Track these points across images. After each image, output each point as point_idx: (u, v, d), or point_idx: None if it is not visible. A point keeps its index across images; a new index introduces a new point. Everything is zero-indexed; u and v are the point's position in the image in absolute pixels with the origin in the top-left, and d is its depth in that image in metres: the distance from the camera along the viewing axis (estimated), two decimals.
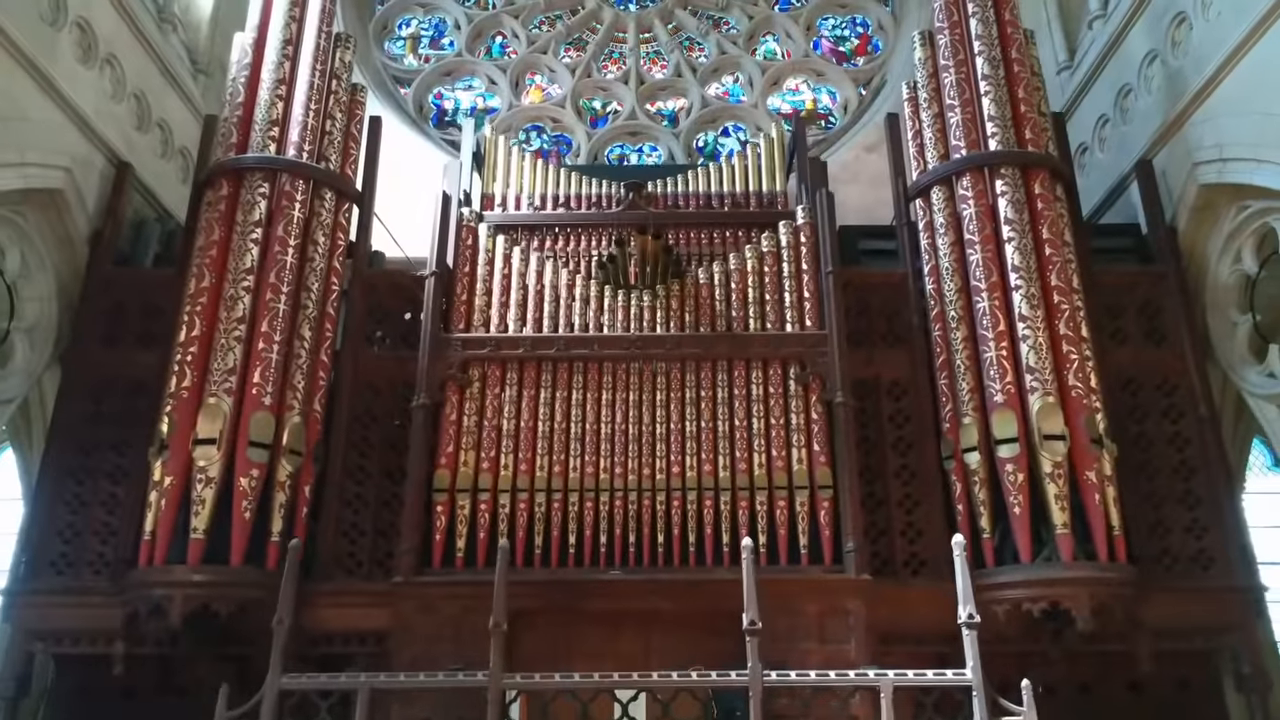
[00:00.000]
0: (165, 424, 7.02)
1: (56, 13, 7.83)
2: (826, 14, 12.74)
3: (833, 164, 11.29)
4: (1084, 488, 6.80)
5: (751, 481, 7.11)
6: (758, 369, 7.45)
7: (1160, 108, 8.50)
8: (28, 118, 7.40)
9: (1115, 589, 6.61)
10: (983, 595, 6.80)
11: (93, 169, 8.30)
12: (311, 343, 7.51)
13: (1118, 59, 9.34)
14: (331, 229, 7.94)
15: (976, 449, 7.06)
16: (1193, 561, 7.25)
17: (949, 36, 8.30)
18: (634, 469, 7.13)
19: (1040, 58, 10.80)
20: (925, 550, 7.24)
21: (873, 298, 8.05)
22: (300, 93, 8.11)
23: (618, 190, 8.85)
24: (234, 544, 6.74)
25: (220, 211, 7.65)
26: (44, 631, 7.04)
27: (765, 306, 7.68)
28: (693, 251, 8.58)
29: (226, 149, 7.92)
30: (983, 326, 7.30)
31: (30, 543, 7.30)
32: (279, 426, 7.11)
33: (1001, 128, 7.83)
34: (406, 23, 12.70)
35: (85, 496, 7.44)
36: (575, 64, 12.33)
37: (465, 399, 7.38)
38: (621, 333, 7.53)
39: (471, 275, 7.79)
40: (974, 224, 7.60)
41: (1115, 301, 8.02)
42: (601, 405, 7.33)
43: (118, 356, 7.85)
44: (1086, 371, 7.16)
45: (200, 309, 7.30)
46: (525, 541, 6.97)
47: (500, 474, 7.13)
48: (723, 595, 6.64)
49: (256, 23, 8.45)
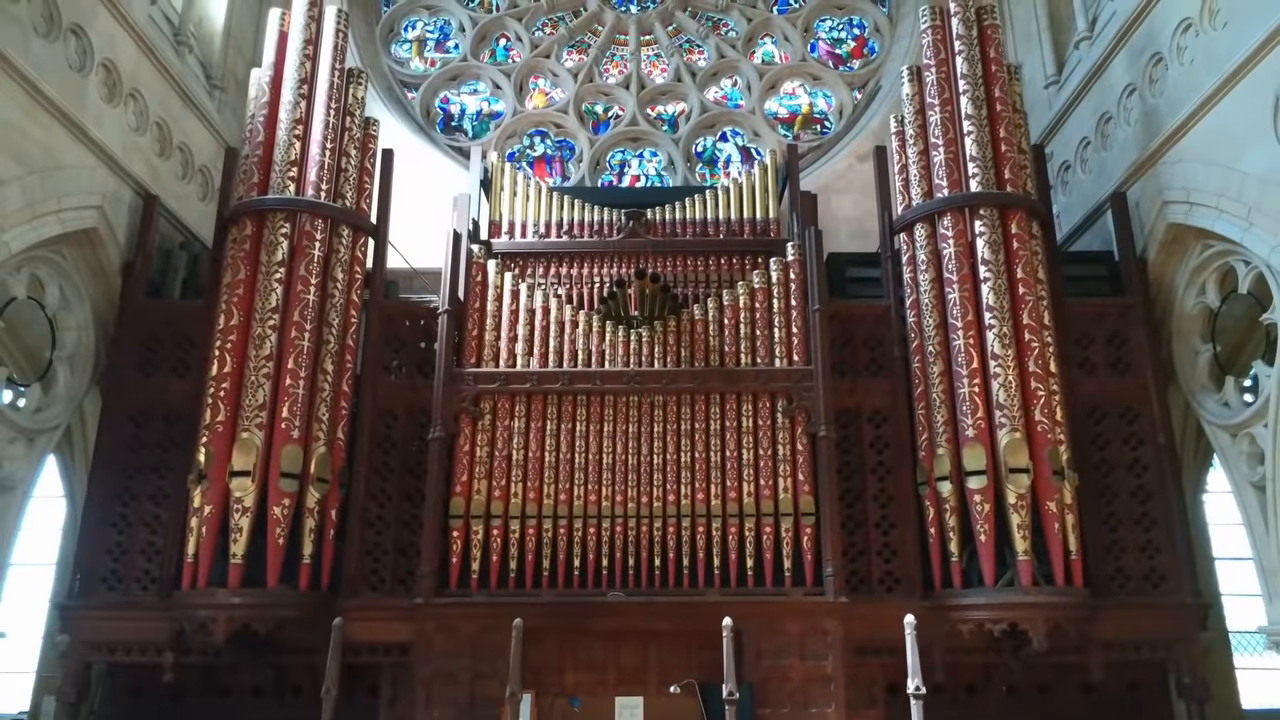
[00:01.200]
0: (202, 454, 7.66)
1: (84, 58, 8.23)
2: (824, 15, 12.96)
3: (826, 173, 11.80)
4: (1045, 517, 7.44)
5: (741, 509, 7.75)
6: (748, 402, 8.04)
7: (1137, 141, 8.89)
8: (63, 166, 7.86)
9: (1069, 611, 7.29)
10: (950, 614, 7.57)
11: (121, 203, 8.78)
12: (334, 375, 8.10)
13: (1100, 85, 9.68)
14: (349, 264, 8.46)
15: (948, 478, 7.68)
16: (1145, 579, 7.93)
17: (935, 74, 8.67)
18: (633, 497, 7.78)
19: (1028, 70, 11.28)
20: (900, 569, 7.92)
21: (858, 328, 8.58)
22: (316, 132, 8.54)
23: (618, 218, 9.31)
24: (269, 568, 7.43)
25: (245, 250, 8.17)
26: (99, 643, 7.78)
27: (756, 342, 8.23)
28: (689, 277, 9.10)
29: (249, 188, 8.40)
30: (958, 363, 7.86)
31: (82, 561, 7.99)
32: (306, 457, 7.74)
33: (982, 168, 8.26)
34: (412, 25, 12.95)
35: (130, 517, 8.12)
36: (577, 68, 12.62)
37: (477, 430, 7.99)
38: (622, 367, 8.10)
39: (481, 311, 8.32)
40: (953, 263, 8.09)
41: (1085, 331, 8.55)
42: (603, 436, 7.94)
43: (154, 385, 8.44)
44: (1053, 406, 7.73)
45: (230, 346, 7.87)
46: (534, 564, 7.65)
47: (510, 501, 7.78)
48: (713, 615, 7.37)
49: (272, 60, 8.83)
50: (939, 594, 7.66)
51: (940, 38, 8.78)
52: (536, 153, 12.36)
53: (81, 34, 8.16)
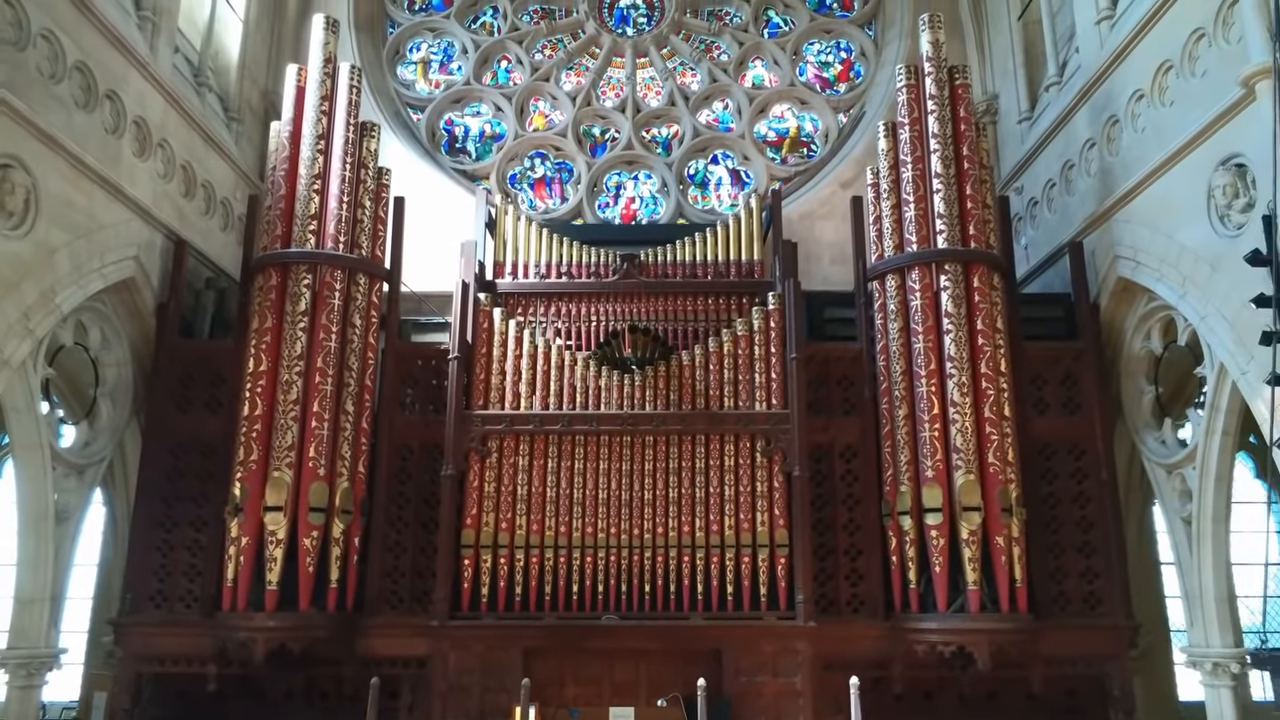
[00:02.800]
0: (238, 489, 8.51)
1: (118, 119, 8.87)
2: (812, 39, 13.48)
3: (811, 199, 12.48)
4: (994, 550, 8.33)
5: (722, 540, 8.65)
6: (730, 443, 8.88)
7: (1095, 194, 9.58)
8: (104, 225, 8.56)
9: (1011, 635, 8.22)
10: (907, 635, 8.51)
11: (154, 249, 9.48)
12: (354, 414, 8.92)
13: (1066, 133, 10.32)
14: (366, 310, 9.22)
15: (909, 513, 8.56)
16: (1084, 602, 8.86)
17: (909, 132, 9.33)
18: (626, 529, 8.67)
19: (1004, 103, 11.92)
20: (865, 592, 8.84)
21: (833, 370, 9.39)
22: (334, 185, 9.22)
23: (614, 259, 10.04)
24: (301, 592, 8.34)
25: (271, 300, 8.92)
26: (149, 656, 8.72)
27: (738, 386, 9.04)
28: (680, 316, 9.88)
29: (273, 239, 9.11)
30: (920, 408, 8.68)
31: (131, 582, 8.90)
32: (332, 492, 8.60)
33: (949, 225, 8.98)
34: (416, 47, 13.46)
35: (173, 542, 9.01)
36: (576, 90, 13.18)
37: (485, 467, 8.85)
38: (616, 410, 8.93)
39: (488, 356, 9.11)
40: (919, 315, 8.87)
41: (1040, 373, 9.37)
42: (599, 473, 8.80)
43: (190, 420, 9.26)
44: (1005, 448, 8.57)
45: (261, 390, 8.68)
46: (537, 590, 8.56)
47: (516, 533, 8.67)
48: (697, 636, 8.35)
49: (291, 116, 9.46)
50: (899, 616, 8.59)
51: (914, 96, 9.42)
52: (537, 174, 12.99)
53: (115, 98, 8.79)
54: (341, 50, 11.94)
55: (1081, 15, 10.09)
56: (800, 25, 13.46)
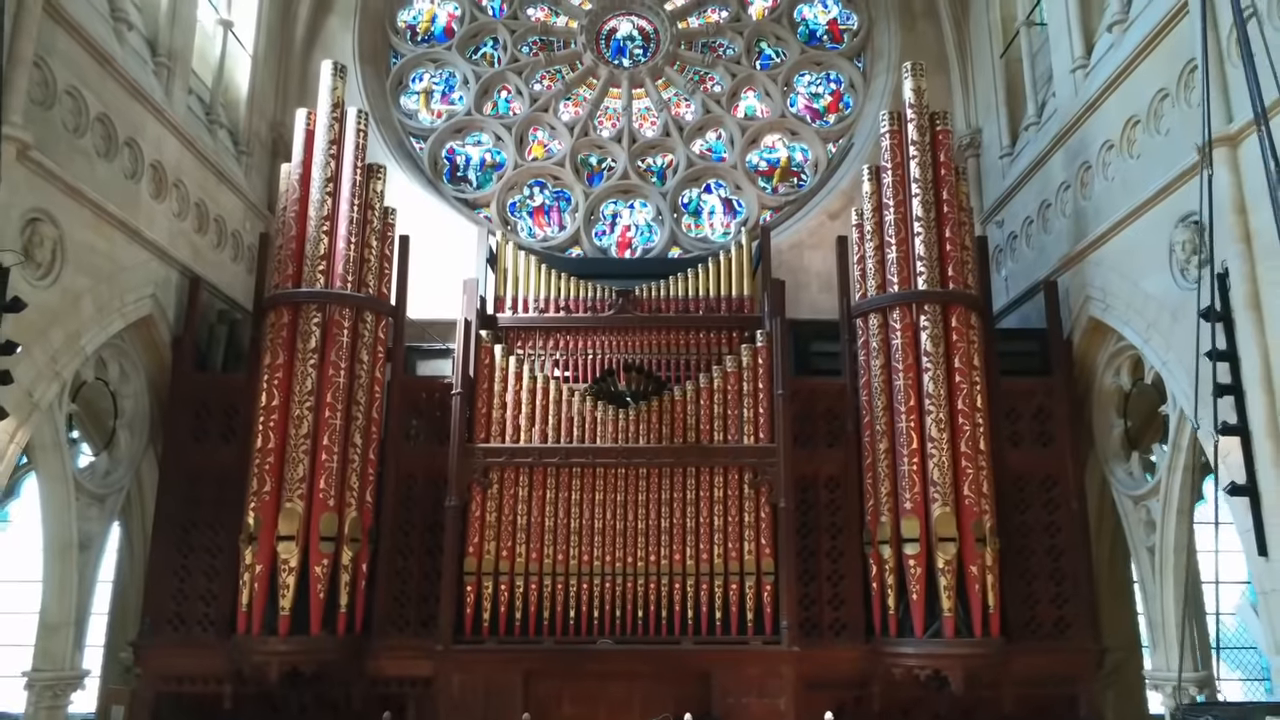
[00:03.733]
0: (252, 519, 8.97)
1: (136, 165, 9.29)
2: (803, 70, 13.90)
3: (800, 229, 12.93)
4: (968, 579, 8.81)
5: (711, 569, 9.13)
6: (719, 475, 9.36)
7: (1069, 235, 10.04)
8: (124, 268, 8.99)
9: (983, 659, 8.71)
10: (885, 658, 9.00)
11: (170, 285, 9.91)
12: (362, 446, 9.38)
13: (1043, 174, 10.77)
14: (373, 345, 9.66)
15: (889, 543, 9.03)
16: (1054, 626, 9.34)
17: (891, 176, 9.78)
18: (620, 557, 9.15)
19: (987, 136, 12.37)
20: (846, 616, 9.33)
21: (818, 403, 9.85)
22: (342, 227, 9.66)
23: (610, 294, 10.48)
24: (312, 617, 8.81)
25: (283, 338, 9.36)
26: (167, 675, 9.20)
27: (727, 421, 9.51)
28: (673, 349, 10.33)
29: (284, 277, 9.55)
30: (900, 443, 9.15)
31: (150, 604, 9.36)
32: (341, 521, 9.07)
33: (929, 266, 9.43)
34: (419, 77, 13.86)
35: (190, 567, 9.47)
36: (574, 121, 13.60)
37: (487, 498, 9.32)
38: (611, 443, 9.39)
39: (489, 391, 9.56)
40: (899, 353, 9.33)
41: (1015, 406, 9.83)
42: (595, 504, 9.27)
43: (205, 449, 9.71)
44: (980, 481, 9.05)
45: (273, 424, 9.13)
46: (536, 615, 9.04)
47: (516, 560, 9.14)
48: (687, 659, 8.85)
49: (300, 158, 9.90)
50: (879, 639, 9.07)
51: (897, 141, 9.87)
52: (536, 203, 13.42)
53: (134, 145, 9.21)
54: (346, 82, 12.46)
55: (1058, 61, 10.54)
56: (791, 57, 13.88)
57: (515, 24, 13.98)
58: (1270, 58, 5.76)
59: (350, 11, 13.50)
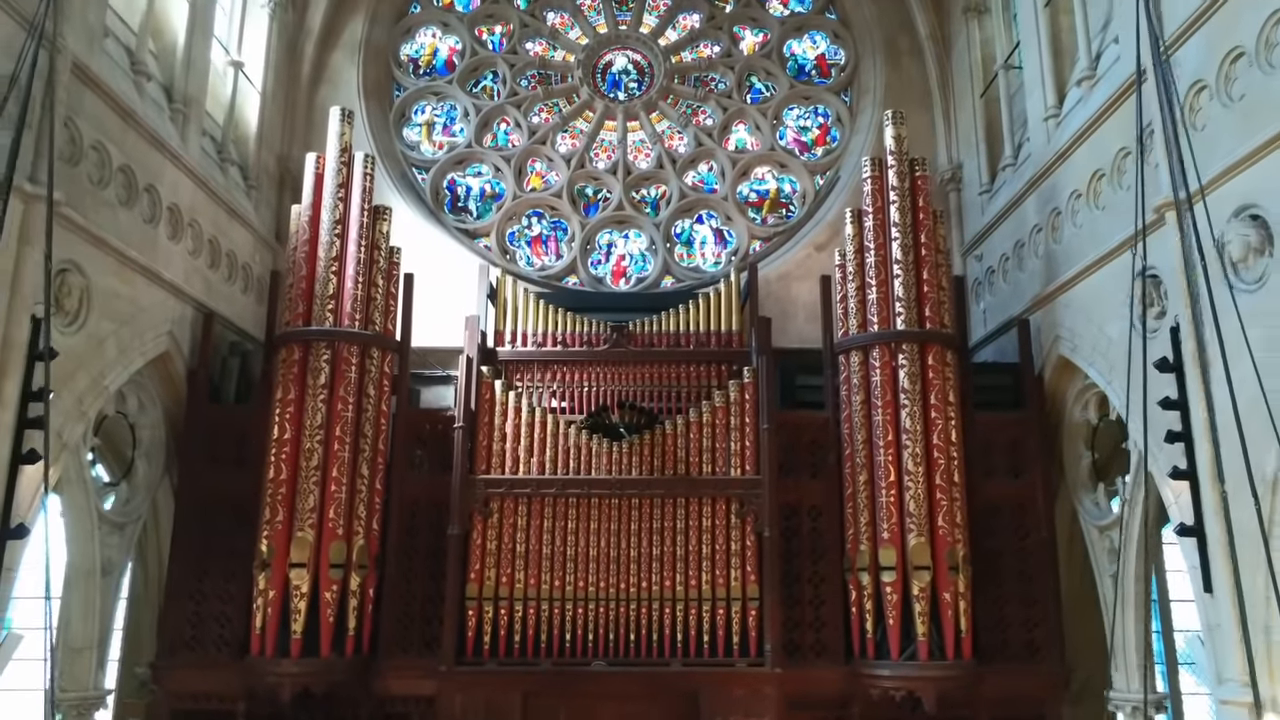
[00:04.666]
0: (265, 546, 9.47)
1: (154, 209, 9.77)
2: (792, 104, 14.41)
3: (788, 260, 13.46)
4: (941, 605, 9.34)
5: (700, 594, 9.66)
6: (707, 505, 9.89)
7: (1040, 276, 10.56)
8: (143, 309, 9.47)
9: (955, 682, 9.25)
10: (863, 679, 9.54)
11: (185, 321, 10.38)
12: (369, 477, 9.88)
13: (1017, 215, 11.29)
14: (379, 379, 10.15)
15: (867, 570, 9.56)
16: (1024, 648, 9.89)
17: (872, 220, 10.30)
18: (613, 583, 9.67)
19: (967, 172, 12.89)
20: (827, 639, 9.86)
21: (803, 435, 10.37)
22: (350, 266, 10.15)
23: (605, 329, 11.00)
24: (322, 640, 9.31)
25: (294, 373, 9.85)
26: (183, 694, 9.69)
27: (715, 453, 10.04)
28: (665, 382, 10.85)
29: (294, 315, 10.04)
30: (879, 475, 9.68)
31: (167, 626, 9.87)
32: (349, 549, 9.57)
33: (907, 307, 9.95)
34: (421, 110, 14.34)
35: (205, 590, 9.97)
36: (571, 153, 14.10)
37: (488, 527, 9.83)
38: (605, 475, 9.91)
39: (490, 425, 10.08)
40: (879, 390, 9.85)
41: (989, 439, 10.36)
42: (590, 533, 9.79)
43: (218, 477, 10.19)
44: (954, 512, 9.57)
45: (285, 456, 9.63)
46: (534, 638, 9.56)
47: (515, 586, 9.66)
48: (676, 681, 9.39)
49: (310, 200, 10.39)
50: (857, 661, 9.60)
51: (878, 187, 10.38)
52: (534, 232, 13.93)
53: (153, 190, 9.69)
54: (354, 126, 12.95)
55: (1032, 107, 11.07)
56: (781, 92, 14.38)
57: (514, 58, 14.47)
58: (1184, 150, 6.30)
59: (355, 47, 13.98)
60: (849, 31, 14.53)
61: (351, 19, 14.03)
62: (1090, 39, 9.96)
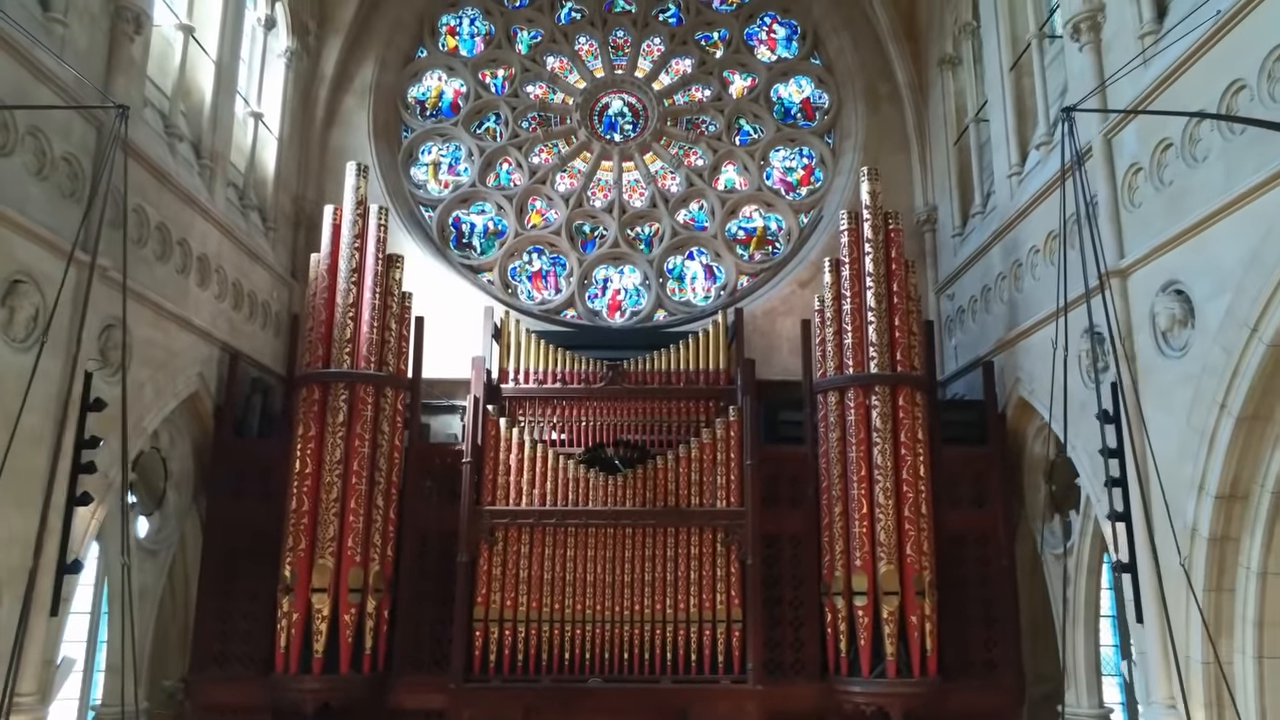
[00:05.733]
0: (288, 572, 10.31)
1: (185, 260, 10.57)
2: (778, 146, 15.26)
3: (773, 296, 14.31)
4: (909, 627, 10.22)
5: (688, 616, 10.53)
6: (695, 534, 10.76)
7: (1004, 321, 11.43)
8: (177, 354, 10.29)
9: (920, 698, 10.12)
10: (837, 694, 10.42)
11: (212, 362, 11.20)
12: (384, 507, 10.73)
13: (985, 262, 12.15)
14: (393, 416, 11.00)
15: (841, 594, 10.43)
16: (984, 666, 10.76)
17: (849, 270, 11.16)
18: (608, 606, 10.54)
19: (942, 215, 13.74)
20: (806, 657, 10.73)
21: (784, 469, 11.23)
22: (365, 312, 10.99)
23: (601, 368, 11.85)
24: (342, 659, 10.16)
25: (314, 412, 10.70)
26: (213, 707, 10.53)
27: (703, 486, 10.90)
28: (657, 417, 11.71)
29: (314, 358, 10.88)
30: (852, 507, 10.55)
31: (198, 644, 10.71)
32: (366, 574, 10.42)
33: (880, 352, 10.82)
34: (428, 150, 15.16)
35: (231, 611, 10.81)
36: (569, 192, 14.94)
37: (493, 554, 10.68)
38: (601, 506, 10.77)
39: (495, 460, 10.93)
40: (853, 429, 10.72)
41: (956, 472, 11.21)
42: (587, 560, 10.65)
43: (243, 507, 11.03)
44: (921, 541, 10.45)
45: (306, 489, 10.47)
46: (535, 657, 10.42)
47: (518, 609, 10.51)
48: (666, 696, 10.26)
49: (328, 250, 11.22)
50: (832, 678, 10.47)
51: (854, 239, 11.24)
52: (534, 268, 14.76)
53: (185, 244, 10.49)
54: (361, 154, 13.83)
55: (998, 163, 11.92)
56: (768, 134, 15.23)
57: (516, 101, 15.29)
58: (1122, 224, 7.16)
59: (365, 91, 14.79)
60: (832, 77, 15.37)
61: (362, 65, 14.83)
62: (1049, 105, 10.83)
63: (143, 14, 9.33)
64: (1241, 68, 6.98)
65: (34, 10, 8.16)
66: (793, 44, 15.68)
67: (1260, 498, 7.21)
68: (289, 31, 13.81)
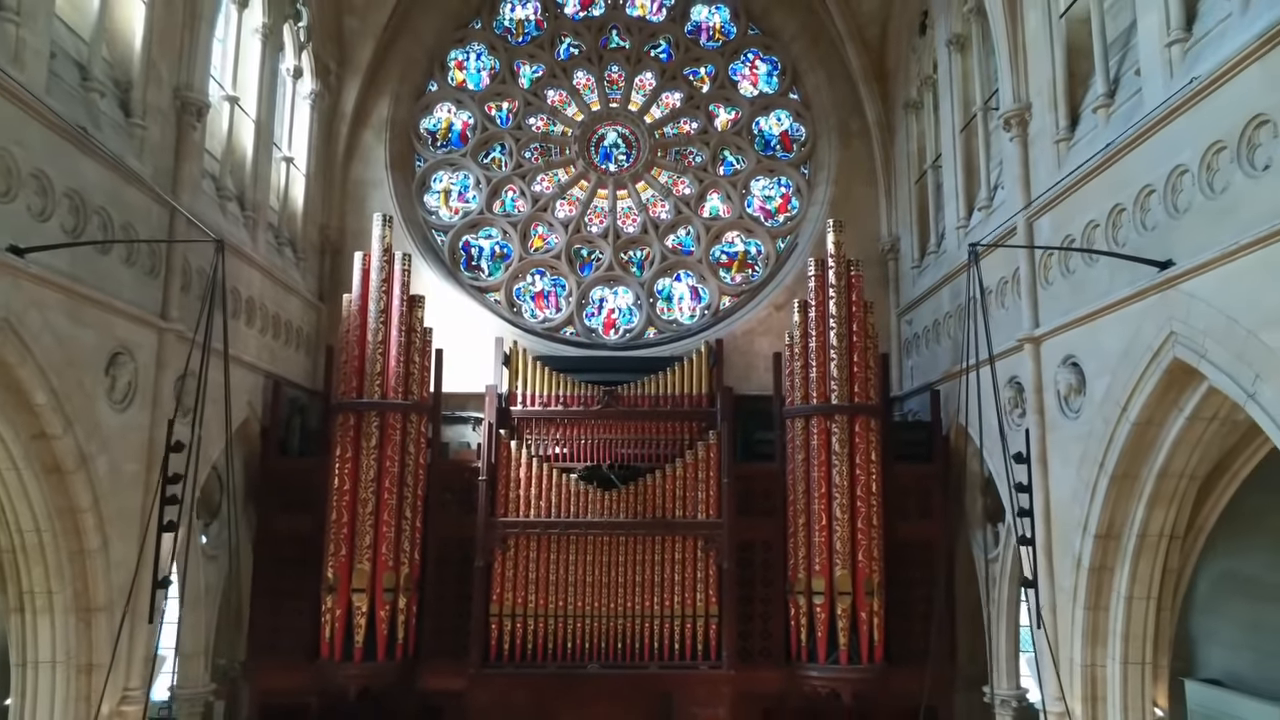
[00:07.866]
0: (331, 574, 12.08)
1: (237, 304, 12.12)
2: (758, 176, 16.75)
3: (752, 318, 15.95)
4: (859, 621, 12.08)
5: (672, 612, 12.38)
6: (679, 542, 12.54)
7: (949, 355, 13.09)
8: (231, 388, 11.88)
9: (867, 683, 12.02)
10: (798, 678, 12.31)
11: (258, 389, 12.82)
12: (411, 518, 12.47)
13: (935, 300, 13.78)
14: (417, 438, 12.68)
15: (803, 593, 12.27)
16: (923, 654, 12.62)
17: (815, 311, 12.79)
18: (605, 603, 12.37)
19: (904, 246, 15.32)
20: (772, 646, 12.61)
21: (757, 484, 12.99)
22: (393, 349, 12.59)
23: (598, 392, 13.53)
24: (378, 648, 11.98)
25: (350, 436, 12.36)
26: (268, 690, 12.38)
27: (687, 500, 12.67)
28: (647, 436, 13.42)
29: (349, 388, 12.51)
30: (813, 520, 12.33)
31: (253, 635, 12.51)
32: (397, 576, 12.20)
33: (840, 385, 12.50)
34: (439, 178, 16.60)
35: (280, 607, 12.59)
36: (568, 219, 16.46)
37: (506, 559, 12.47)
38: (599, 518, 12.53)
39: (507, 476, 12.65)
40: (816, 451, 12.45)
41: (906, 487, 12.99)
42: (586, 563, 12.45)
43: (288, 518, 12.74)
44: (872, 549, 12.25)
45: (345, 503, 12.19)
46: (542, 646, 12.27)
47: (528, 605, 12.34)
48: (654, 681, 12.13)
49: (358, 292, 12.77)
50: (794, 663, 12.36)
51: (820, 284, 12.85)
52: (537, 288, 16.34)
53: (236, 291, 12.04)
54: (379, 184, 15.32)
55: (949, 214, 13.48)
56: (749, 165, 16.71)
57: (519, 132, 16.70)
58: (1038, 298, 8.80)
59: (382, 125, 16.17)
60: (809, 111, 16.80)
61: (379, 100, 16.19)
62: (990, 172, 12.37)
63: (204, 105, 10.76)
64: (1123, 195, 8.57)
65: (118, 117, 9.63)
66: (773, 79, 17.07)
67: (1128, 539, 8.99)
68: (313, 75, 15.14)
